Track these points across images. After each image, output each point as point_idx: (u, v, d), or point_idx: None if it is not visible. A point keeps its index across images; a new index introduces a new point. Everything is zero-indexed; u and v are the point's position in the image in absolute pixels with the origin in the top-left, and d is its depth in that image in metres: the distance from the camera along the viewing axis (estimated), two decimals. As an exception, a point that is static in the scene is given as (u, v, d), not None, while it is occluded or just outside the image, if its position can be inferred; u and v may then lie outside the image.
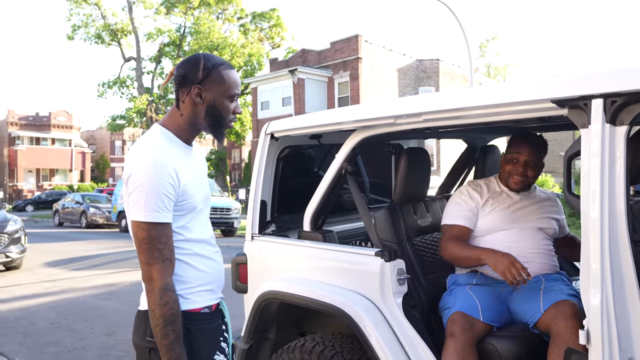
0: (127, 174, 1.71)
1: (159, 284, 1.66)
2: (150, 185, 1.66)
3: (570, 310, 2.19)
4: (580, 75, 1.85)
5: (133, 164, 1.70)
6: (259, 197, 3.12)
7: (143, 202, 1.66)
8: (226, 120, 1.86)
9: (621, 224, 1.75)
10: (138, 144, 1.80)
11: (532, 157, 2.68)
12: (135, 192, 1.67)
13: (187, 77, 1.79)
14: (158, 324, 1.64)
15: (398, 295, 2.42)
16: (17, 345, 5.58)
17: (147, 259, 1.67)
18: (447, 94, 2.28)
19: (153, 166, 1.68)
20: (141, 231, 1.67)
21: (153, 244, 1.67)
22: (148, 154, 1.71)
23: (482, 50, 55.08)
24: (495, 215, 2.69)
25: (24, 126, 57.37)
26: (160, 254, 1.68)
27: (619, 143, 1.76)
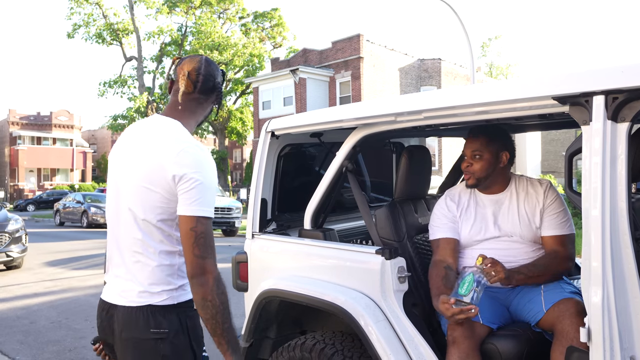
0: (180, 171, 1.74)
1: (214, 274, 1.73)
2: (211, 183, 1.78)
3: (575, 308, 2.17)
4: (582, 72, 1.84)
5: (190, 160, 1.75)
6: (259, 196, 3.12)
7: (206, 199, 1.75)
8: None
9: (622, 222, 1.74)
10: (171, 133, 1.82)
11: (475, 148, 2.56)
12: (198, 189, 1.73)
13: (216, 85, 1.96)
14: (218, 311, 1.72)
15: (399, 293, 2.41)
16: (18, 344, 5.59)
17: (203, 252, 1.73)
18: (448, 92, 2.27)
19: (211, 165, 1.81)
20: (201, 226, 1.73)
21: (209, 239, 1.75)
22: (203, 152, 1.80)
23: (484, 49, 55.06)
24: (471, 227, 2.60)
25: (25, 126, 57.44)
26: (213, 249, 1.76)
27: (621, 140, 1.75)
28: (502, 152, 2.58)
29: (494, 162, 2.57)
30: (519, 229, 2.54)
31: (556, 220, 2.56)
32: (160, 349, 1.78)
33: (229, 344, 1.74)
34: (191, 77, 1.90)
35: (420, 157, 2.94)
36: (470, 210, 2.64)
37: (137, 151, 1.85)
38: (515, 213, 2.57)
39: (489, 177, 2.59)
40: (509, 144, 2.63)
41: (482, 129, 2.58)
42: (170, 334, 1.79)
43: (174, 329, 1.80)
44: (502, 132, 2.64)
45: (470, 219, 2.62)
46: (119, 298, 1.85)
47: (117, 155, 1.94)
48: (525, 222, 2.55)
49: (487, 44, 55.13)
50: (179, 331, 1.81)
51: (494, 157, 2.56)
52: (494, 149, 2.56)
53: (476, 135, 2.58)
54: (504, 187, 2.65)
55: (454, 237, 2.61)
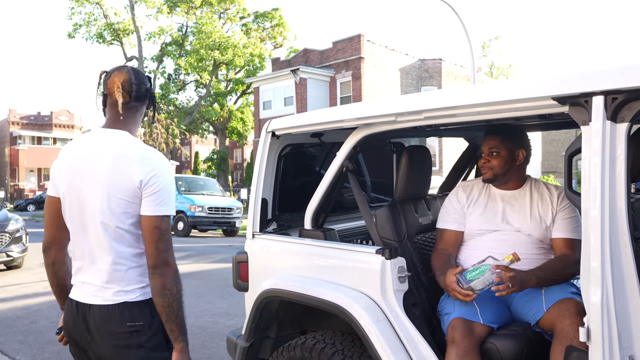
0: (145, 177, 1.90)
1: (174, 267, 1.93)
2: (171, 184, 1.97)
3: (575, 308, 2.17)
4: (581, 72, 1.85)
5: (158, 162, 1.95)
6: (260, 196, 3.12)
7: (169, 199, 1.94)
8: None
9: (622, 222, 1.75)
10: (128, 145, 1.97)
11: (492, 145, 2.62)
12: (162, 191, 1.92)
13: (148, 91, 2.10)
14: (175, 299, 1.91)
15: (399, 293, 2.42)
16: (18, 344, 5.59)
17: (166, 246, 1.92)
18: (448, 92, 2.28)
19: (170, 168, 2.00)
20: (164, 224, 1.92)
21: (169, 235, 1.94)
22: (162, 158, 1.99)
23: (485, 50, 55.01)
24: (482, 216, 2.65)
25: (25, 125, 57.45)
26: (171, 242, 1.96)
27: (620, 140, 1.75)
28: (518, 150, 2.65)
29: (510, 159, 2.64)
30: (528, 225, 2.59)
31: (568, 224, 2.60)
32: (136, 339, 1.95)
33: (180, 331, 1.93)
34: (125, 88, 2.02)
35: (420, 157, 2.95)
36: (480, 201, 2.70)
37: (97, 165, 1.94)
38: (527, 210, 2.62)
39: (505, 173, 2.65)
40: (526, 143, 2.70)
41: (500, 128, 2.64)
42: (145, 326, 1.96)
43: (148, 322, 1.97)
44: (519, 131, 2.71)
45: (479, 209, 2.67)
46: (93, 298, 1.98)
47: (69, 171, 2.00)
48: (536, 220, 2.60)
49: (487, 44, 55.07)
50: (152, 323, 1.97)
51: (510, 155, 2.63)
52: (511, 146, 2.62)
53: (494, 133, 2.64)
54: (519, 185, 2.71)
55: (458, 229, 2.69)
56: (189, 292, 8.13)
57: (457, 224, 2.70)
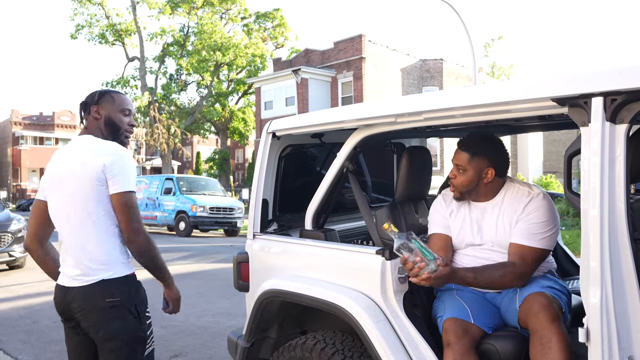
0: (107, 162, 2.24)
1: (145, 234, 2.30)
2: (132, 167, 2.31)
3: (539, 303, 2.13)
4: (581, 73, 1.85)
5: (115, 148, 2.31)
6: (260, 196, 3.13)
7: (129, 178, 2.27)
8: (122, 129, 2.48)
9: (621, 222, 1.75)
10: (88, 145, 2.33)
11: (459, 162, 2.51)
12: (122, 172, 2.25)
13: (88, 102, 2.46)
14: (156, 258, 2.37)
15: (399, 293, 2.42)
16: (20, 344, 5.60)
17: (135, 218, 2.27)
18: (448, 93, 2.28)
19: (129, 155, 2.34)
20: (130, 199, 2.26)
21: (136, 208, 2.29)
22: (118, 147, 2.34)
23: (487, 50, 54.96)
24: (455, 228, 2.59)
25: (27, 126, 57.58)
26: (138, 214, 2.30)
27: (619, 141, 1.76)
28: (486, 169, 2.48)
29: (477, 178, 2.50)
30: (495, 238, 2.48)
31: (528, 230, 2.39)
32: (115, 312, 2.27)
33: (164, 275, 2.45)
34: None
35: (420, 157, 2.95)
36: (459, 215, 2.61)
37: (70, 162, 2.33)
38: (494, 222, 2.50)
39: (472, 191, 2.54)
40: (496, 160, 2.51)
41: (469, 144, 2.50)
42: (123, 301, 2.28)
43: (125, 296, 2.30)
44: (490, 147, 2.52)
45: (457, 224, 2.60)
46: (74, 282, 2.31)
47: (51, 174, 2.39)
48: (503, 231, 2.47)
49: (489, 44, 55.03)
50: (128, 297, 2.31)
51: (477, 174, 2.49)
52: (478, 165, 2.48)
53: (461, 149, 2.51)
54: (492, 196, 2.57)
55: (447, 234, 2.61)
56: (191, 292, 8.14)
57: (446, 229, 2.61)
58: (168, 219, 19.50)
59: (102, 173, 2.23)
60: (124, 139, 2.49)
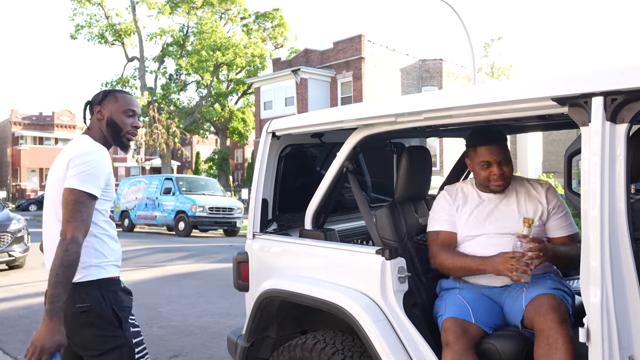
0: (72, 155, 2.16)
1: (69, 236, 2.03)
2: (96, 165, 2.15)
3: (548, 303, 2.15)
4: (581, 73, 1.85)
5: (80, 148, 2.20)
6: (260, 196, 3.13)
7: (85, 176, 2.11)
8: (124, 131, 2.38)
9: (621, 222, 1.75)
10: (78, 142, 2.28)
11: (500, 155, 2.55)
12: (80, 167, 2.12)
13: (92, 102, 2.42)
14: (55, 265, 1.99)
15: (399, 293, 2.42)
16: (20, 343, 5.60)
17: (68, 217, 2.06)
18: (448, 93, 2.28)
19: (101, 154, 2.21)
20: (72, 195, 2.09)
21: (78, 207, 2.07)
22: (95, 145, 2.24)
23: (486, 50, 54.97)
24: (467, 221, 2.60)
25: (27, 126, 57.55)
26: (80, 215, 2.07)
27: (620, 141, 1.76)
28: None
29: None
30: (514, 225, 2.52)
31: (563, 222, 2.61)
32: (85, 318, 2.12)
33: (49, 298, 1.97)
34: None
35: (420, 157, 2.95)
36: (467, 206, 2.64)
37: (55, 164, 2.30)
38: (516, 211, 2.57)
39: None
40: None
41: (499, 135, 2.58)
42: (94, 307, 2.13)
43: (97, 302, 2.14)
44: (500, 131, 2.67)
45: (466, 214, 2.62)
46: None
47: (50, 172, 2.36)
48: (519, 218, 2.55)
49: (489, 44, 55.06)
50: (102, 303, 2.14)
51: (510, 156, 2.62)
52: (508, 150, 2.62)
53: (501, 142, 2.57)
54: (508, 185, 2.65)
55: (454, 231, 2.63)
56: (190, 292, 8.14)
57: (452, 226, 2.64)
58: (167, 219, 19.51)
59: (66, 167, 2.16)
60: (126, 141, 2.40)
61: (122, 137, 2.38)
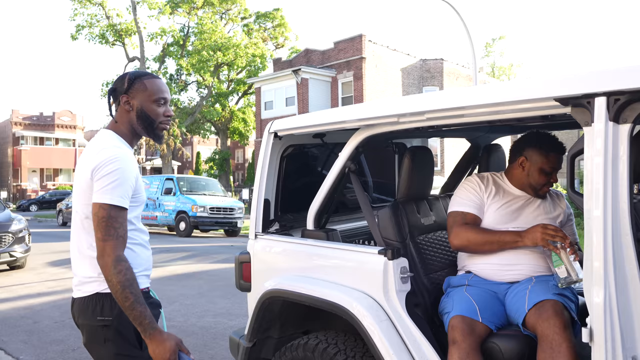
0: (95, 163, 1.96)
1: (112, 257, 1.89)
2: (122, 174, 1.96)
3: (552, 309, 2.17)
4: (584, 73, 1.85)
5: (104, 155, 1.98)
6: (262, 196, 3.13)
7: (111, 188, 1.93)
8: (157, 122, 2.15)
9: (624, 222, 1.75)
10: (97, 142, 2.09)
11: (559, 162, 2.66)
12: (105, 179, 1.94)
13: (117, 90, 2.14)
14: (117, 290, 1.87)
15: (401, 293, 2.42)
16: (21, 344, 5.60)
17: (103, 235, 1.91)
18: (451, 93, 2.28)
19: (125, 160, 1.99)
20: (102, 211, 1.92)
21: (110, 223, 1.92)
22: (117, 149, 2.02)
23: (487, 49, 54.95)
24: (497, 212, 2.64)
25: (28, 126, 57.53)
26: (115, 231, 1.93)
27: (623, 141, 1.76)
28: None
29: None
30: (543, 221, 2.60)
31: (572, 229, 2.82)
32: (104, 334, 1.99)
33: (139, 324, 1.88)
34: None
35: (422, 157, 2.95)
36: (495, 200, 2.68)
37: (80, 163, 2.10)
38: (542, 211, 2.67)
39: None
40: None
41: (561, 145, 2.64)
42: (115, 322, 1.98)
43: (118, 317, 1.97)
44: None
45: (496, 205, 2.66)
46: (76, 292, 2.09)
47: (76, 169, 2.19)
48: (551, 218, 2.67)
49: (490, 44, 55.03)
50: (124, 317, 1.94)
51: None
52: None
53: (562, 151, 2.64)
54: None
55: (480, 216, 2.67)
56: (191, 292, 8.14)
57: (480, 211, 2.67)
58: (168, 219, 19.50)
59: (90, 177, 1.98)
60: (159, 132, 2.16)
61: (155, 128, 2.15)
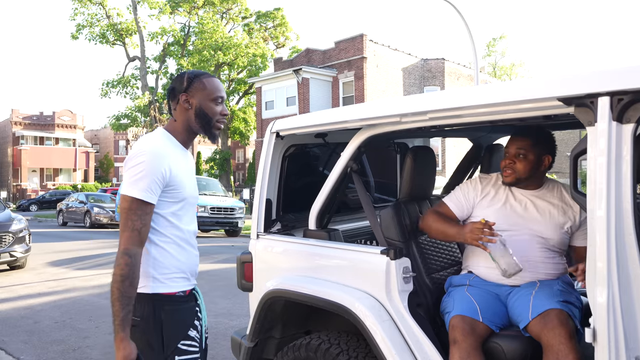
0: (128, 157, 2.01)
1: (120, 248, 1.91)
2: (147, 167, 1.96)
3: (557, 318, 2.15)
4: (587, 73, 1.85)
5: (135, 149, 2.02)
6: (264, 196, 3.13)
7: (135, 180, 1.94)
8: (213, 121, 2.17)
9: (628, 222, 1.75)
10: (142, 137, 2.12)
11: (520, 147, 2.57)
12: (130, 171, 1.97)
13: (176, 89, 2.16)
14: (111, 281, 1.88)
15: (403, 293, 2.42)
16: (22, 344, 5.61)
17: (121, 226, 1.94)
18: (453, 93, 2.28)
19: (152, 154, 1.99)
20: (124, 202, 1.94)
21: (129, 215, 1.93)
22: (149, 144, 2.03)
23: (489, 49, 54.91)
24: (489, 213, 2.60)
25: (28, 126, 57.55)
26: (132, 223, 1.92)
27: (626, 141, 1.75)
28: (545, 156, 2.60)
29: (537, 164, 2.59)
30: (545, 227, 2.54)
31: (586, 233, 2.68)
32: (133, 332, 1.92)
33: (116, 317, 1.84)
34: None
35: (424, 157, 2.95)
36: (495, 200, 2.65)
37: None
38: (547, 213, 2.58)
39: (528, 178, 2.61)
40: (553, 148, 2.65)
41: (531, 129, 2.58)
42: (142, 323, 1.95)
43: (145, 319, 1.96)
44: (548, 135, 2.65)
45: (496, 205, 2.63)
46: None
47: None
48: (555, 224, 2.56)
49: (491, 43, 55.00)
50: (150, 322, 1.96)
51: (537, 160, 2.58)
52: (540, 151, 2.57)
53: (525, 135, 2.58)
54: (538, 186, 2.66)
55: (454, 212, 2.70)
56: (192, 292, 8.12)
57: (457, 208, 2.71)
58: (169, 219, 19.48)
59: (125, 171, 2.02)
60: (215, 131, 2.18)
61: (211, 127, 2.17)
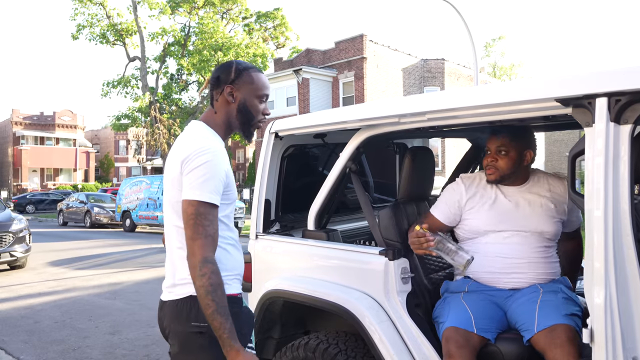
0: (185, 155, 1.85)
1: (198, 257, 1.76)
2: (211, 168, 1.83)
3: (565, 335, 2.10)
4: (585, 74, 1.85)
5: (193, 147, 1.86)
6: (263, 196, 3.13)
7: (200, 183, 1.81)
8: (256, 120, 2.04)
9: (625, 223, 1.75)
10: (188, 133, 1.98)
11: (500, 144, 2.55)
12: (195, 172, 1.82)
13: (221, 78, 2.00)
14: (200, 295, 1.74)
15: (402, 294, 2.42)
16: (22, 344, 5.61)
17: (192, 233, 1.79)
18: (452, 93, 2.28)
19: (215, 153, 1.86)
20: (191, 208, 1.80)
21: (199, 220, 1.79)
22: (208, 142, 1.89)
23: (488, 50, 54.92)
24: (480, 214, 2.57)
25: (28, 126, 57.52)
26: (204, 229, 1.79)
27: (623, 142, 1.76)
28: (526, 151, 2.58)
29: (519, 160, 2.57)
30: (539, 221, 2.51)
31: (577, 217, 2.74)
32: (199, 341, 1.84)
33: (215, 332, 1.74)
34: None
35: (423, 158, 2.95)
36: (483, 200, 2.61)
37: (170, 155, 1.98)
38: (539, 206, 2.55)
39: (512, 175, 2.58)
40: (533, 143, 2.64)
41: (508, 129, 2.57)
42: (210, 328, 1.78)
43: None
44: (527, 130, 2.64)
45: (484, 208, 2.58)
46: (166, 294, 1.96)
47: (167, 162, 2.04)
48: (549, 215, 2.54)
49: (491, 44, 55.00)
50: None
51: (518, 155, 2.56)
52: (520, 147, 2.56)
53: (503, 132, 2.57)
54: (524, 180, 2.64)
55: (442, 221, 2.66)
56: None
57: (443, 215, 2.66)
58: (169, 219, 19.47)
59: (180, 170, 1.87)
60: (253, 130, 2.06)
61: (251, 125, 2.05)
